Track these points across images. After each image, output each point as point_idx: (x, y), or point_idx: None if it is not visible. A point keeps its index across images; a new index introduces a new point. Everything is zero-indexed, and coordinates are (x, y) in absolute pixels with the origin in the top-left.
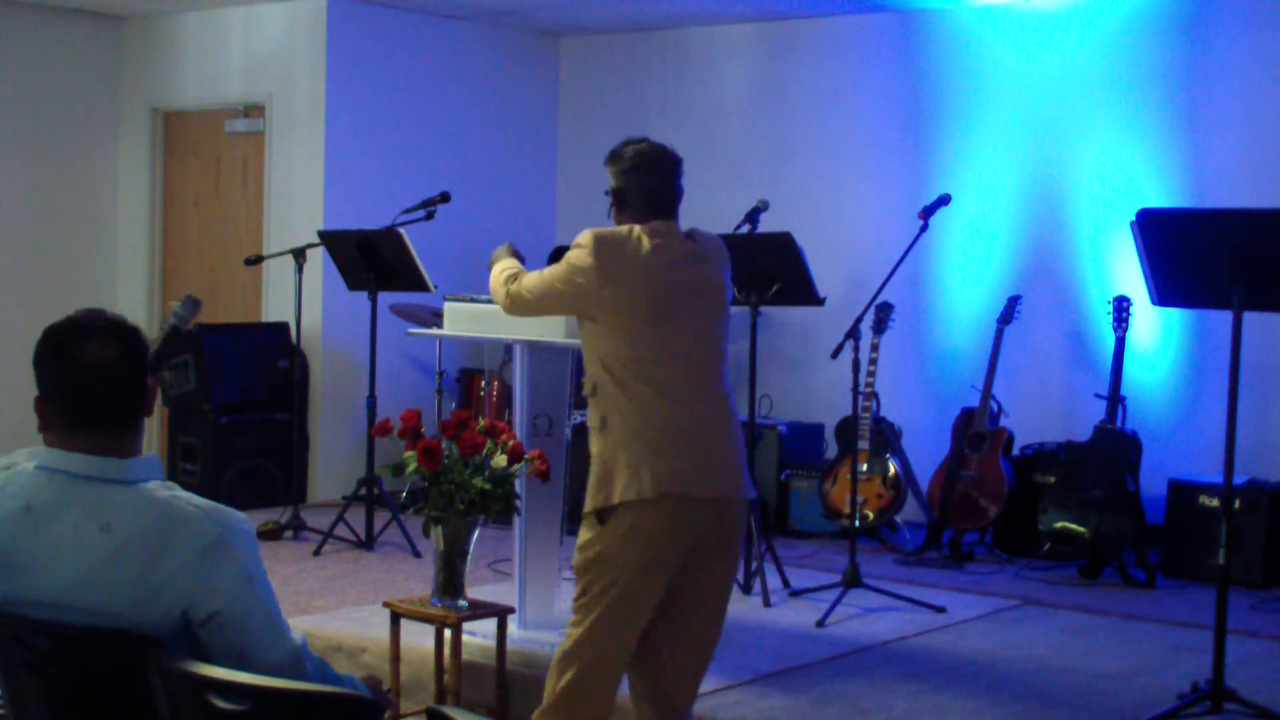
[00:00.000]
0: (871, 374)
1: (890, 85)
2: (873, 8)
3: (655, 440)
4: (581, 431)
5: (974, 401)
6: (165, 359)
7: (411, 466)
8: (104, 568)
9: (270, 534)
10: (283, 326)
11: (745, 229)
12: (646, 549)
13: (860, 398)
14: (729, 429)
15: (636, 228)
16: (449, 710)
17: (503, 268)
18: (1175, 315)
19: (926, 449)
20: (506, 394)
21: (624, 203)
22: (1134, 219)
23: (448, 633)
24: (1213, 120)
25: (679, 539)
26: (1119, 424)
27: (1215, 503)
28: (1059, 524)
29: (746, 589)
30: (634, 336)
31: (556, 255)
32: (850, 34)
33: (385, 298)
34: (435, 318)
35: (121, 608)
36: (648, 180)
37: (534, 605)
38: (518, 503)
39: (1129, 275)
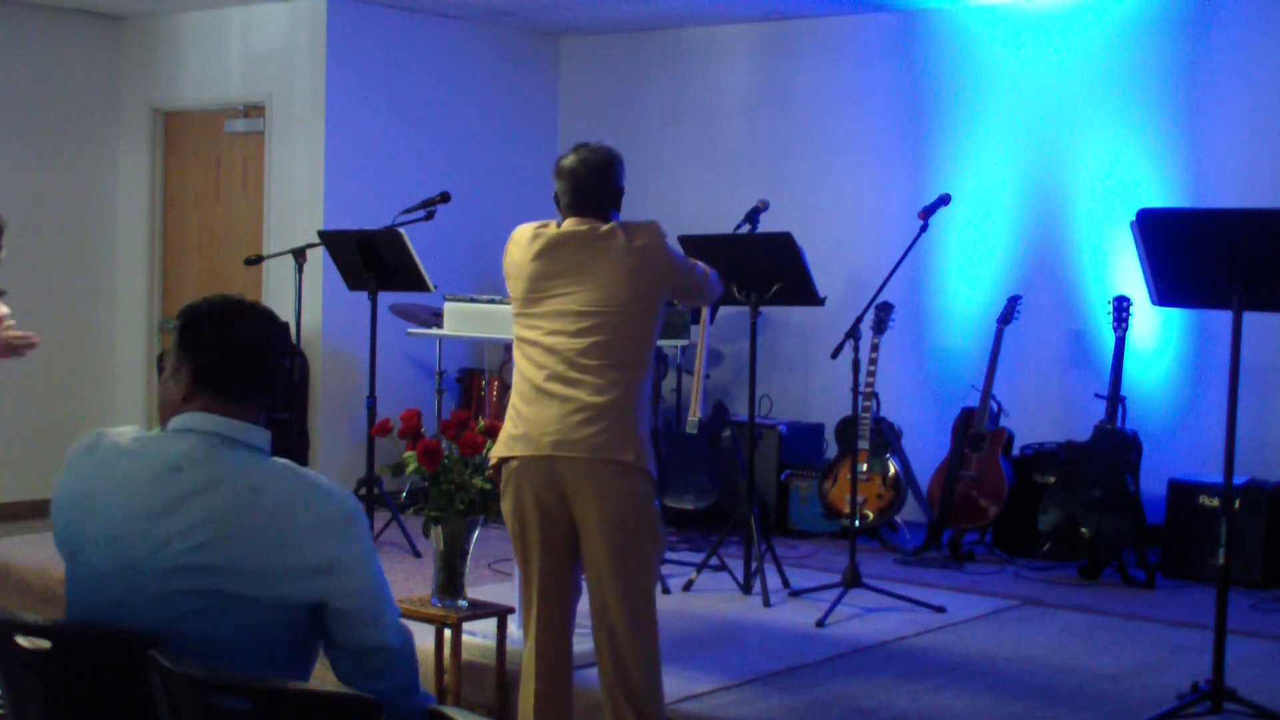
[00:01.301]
0: (871, 374)
1: (890, 85)
2: (873, 8)
3: (513, 408)
4: None
5: (974, 401)
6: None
7: (411, 466)
8: (247, 525)
9: None
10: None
11: (745, 229)
12: (508, 507)
13: (860, 398)
14: (590, 394)
15: (545, 223)
16: (449, 710)
17: None
18: (1175, 315)
19: (926, 449)
20: (506, 394)
21: (558, 204)
22: (1134, 219)
23: (448, 633)
24: (1213, 120)
25: (526, 498)
26: (1119, 424)
27: (1215, 503)
28: (1059, 524)
29: (746, 589)
30: (518, 318)
31: None
32: (850, 34)
33: (385, 298)
34: (435, 318)
35: (260, 565)
36: (563, 187)
37: None
38: None
39: (1129, 275)
